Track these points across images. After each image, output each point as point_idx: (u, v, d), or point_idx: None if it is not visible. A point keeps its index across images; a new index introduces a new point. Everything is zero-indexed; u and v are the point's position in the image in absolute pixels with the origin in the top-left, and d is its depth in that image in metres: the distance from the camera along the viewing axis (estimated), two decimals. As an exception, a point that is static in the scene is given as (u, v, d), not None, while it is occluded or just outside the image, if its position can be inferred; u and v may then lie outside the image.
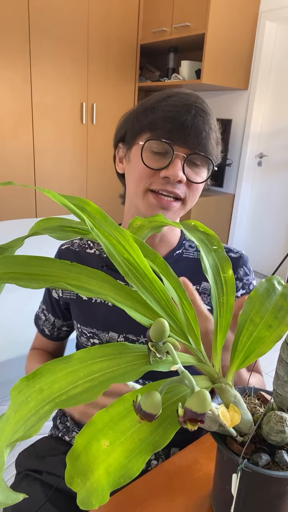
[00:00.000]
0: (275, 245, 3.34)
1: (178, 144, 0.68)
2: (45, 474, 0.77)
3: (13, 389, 0.31)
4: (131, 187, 0.75)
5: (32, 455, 0.83)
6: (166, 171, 0.68)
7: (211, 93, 3.48)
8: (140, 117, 0.72)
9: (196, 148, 0.68)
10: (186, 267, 0.80)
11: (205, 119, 0.69)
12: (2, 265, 0.36)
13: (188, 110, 0.67)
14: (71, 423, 0.86)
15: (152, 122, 0.69)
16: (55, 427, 0.90)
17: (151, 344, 0.36)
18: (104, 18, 3.09)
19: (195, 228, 0.52)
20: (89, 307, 0.78)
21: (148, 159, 0.70)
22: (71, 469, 0.32)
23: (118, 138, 0.79)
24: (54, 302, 0.85)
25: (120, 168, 0.79)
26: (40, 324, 0.90)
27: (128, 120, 0.76)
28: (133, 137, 0.73)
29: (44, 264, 0.38)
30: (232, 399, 0.43)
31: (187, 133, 0.67)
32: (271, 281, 0.49)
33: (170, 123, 0.67)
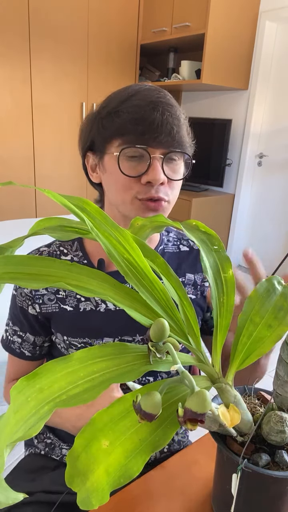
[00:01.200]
0: (275, 245, 3.34)
1: (153, 146, 0.66)
2: (38, 494, 0.74)
3: (13, 389, 0.31)
4: (115, 197, 0.72)
5: (20, 478, 0.80)
6: (147, 176, 0.66)
7: (211, 93, 3.48)
8: (105, 123, 0.69)
9: (172, 145, 0.67)
10: (169, 260, 0.80)
11: (173, 113, 0.67)
12: (2, 265, 0.36)
13: (155, 108, 0.65)
14: (54, 440, 0.83)
15: (120, 127, 0.66)
16: (32, 446, 0.86)
17: (151, 344, 0.36)
18: (104, 18, 3.09)
19: (196, 228, 0.52)
20: (78, 318, 0.74)
21: (125, 167, 0.67)
22: (71, 469, 0.32)
23: (85, 147, 0.75)
24: (32, 319, 0.77)
25: (95, 177, 0.77)
26: (16, 348, 0.80)
27: (92, 127, 0.72)
28: (102, 145, 0.70)
29: (44, 264, 0.38)
30: (232, 399, 0.42)
31: (159, 132, 0.65)
32: (271, 281, 0.49)
33: (140, 125, 0.65)
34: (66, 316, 0.74)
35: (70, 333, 0.75)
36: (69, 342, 0.75)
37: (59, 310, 0.74)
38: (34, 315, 0.76)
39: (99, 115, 0.71)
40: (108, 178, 0.72)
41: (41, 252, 0.78)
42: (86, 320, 0.74)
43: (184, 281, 0.80)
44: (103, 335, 0.74)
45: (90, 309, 0.74)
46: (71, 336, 0.75)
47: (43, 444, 0.84)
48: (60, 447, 0.82)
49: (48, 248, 0.78)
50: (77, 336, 0.74)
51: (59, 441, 0.83)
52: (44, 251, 0.78)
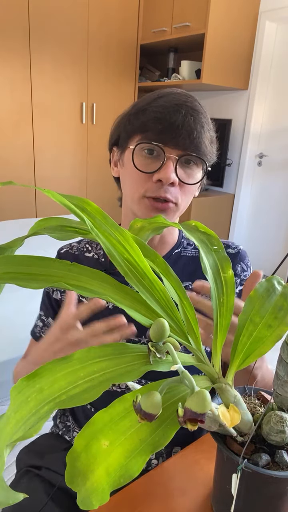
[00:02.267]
0: (275, 245, 3.34)
1: (169, 146, 0.67)
2: (44, 470, 0.78)
3: (13, 389, 0.31)
4: (127, 192, 0.74)
5: (32, 452, 0.84)
6: (158, 174, 0.67)
7: (211, 93, 3.48)
8: (132, 120, 0.70)
9: (188, 148, 0.67)
10: (185, 265, 0.80)
11: (197, 118, 0.67)
12: (2, 265, 0.36)
13: (178, 110, 0.66)
14: (71, 422, 0.86)
15: (142, 124, 0.68)
16: (55, 426, 0.90)
17: (151, 344, 0.36)
18: (104, 18, 3.09)
19: (195, 228, 0.52)
20: None
21: (140, 162, 0.68)
22: (71, 469, 0.32)
23: (112, 142, 0.77)
24: (55, 304, 0.81)
25: (115, 172, 0.78)
26: (37, 331, 0.84)
27: (121, 123, 0.74)
28: (125, 141, 0.72)
29: (44, 264, 0.38)
30: (232, 399, 0.43)
31: (178, 133, 0.65)
32: (271, 281, 0.49)
33: (160, 124, 0.65)
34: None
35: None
36: None
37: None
38: (57, 300, 0.80)
39: (129, 112, 0.73)
40: (124, 172, 0.74)
41: (72, 247, 0.82)
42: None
43: None
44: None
45: None
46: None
47: (63, 425, 0.87)
48: (73, 429, 0.85)
49: (78, 244, 0.83)
50: None
51: (75, 424, 0.85)
52: (74, 246, 0.83)
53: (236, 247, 0.82)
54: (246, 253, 0.83)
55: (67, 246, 0.83)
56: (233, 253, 0.81)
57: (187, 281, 0.79)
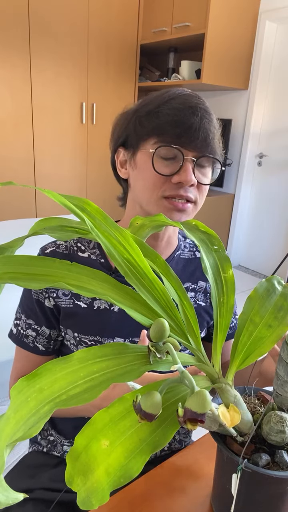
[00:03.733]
0: (275, 245, 3.34)
1: (187, 148, 0.68)
2: (37, 491, 0.75)
3: (13, 389, 0.31)
4: (141, 194, 0.73)
5: (20, 475, 0.81)
6: (179, 176, 0.68)
7: (211, 93, 3.48)
8: (143, 122, 0.70)
9: (205, 150, 0.69)
10: (185, 266, 0.81)
11: (210, 120, 0.69)
12: (2, 265, 0.36)
13: (194, 113, 0.67)
14: (56, 436, 0.84)
15: (158, 127, 0.68)
16: (37, 444, 0.87)
17: (151, 344, 0.36)
18: (104, 18, 3.09)
19: (195, 227, 0.52)
20: (92, 315, 0.74)
21: (158, 165, 0.69)
22: (71, 469, 0.32)
23: (118, 142, 0.76)
24: (48, 312, 0.77)
25: (123, 173, 0.77)
26: (30, 342, 0.79)
27: (128, 124, 0.74)
28: (138, 143, 0.72)
29: (44, 264, 0.38)
30: (232, 399, 0.42)
31: (195, 136, 0.67)
32: (271, 281, 0.49)
33: (178, 128, 0.67)
34: (79, 312, 0.74)
35: (82, 330, 0.75)
36: (80, 339, 0.76)
37: (73, 306, 0.75)
38: (50, 308, 0.76)
39: (138, 113, 0.72)
40: (138, 174, 0.73)
41: (58, 245, 0.77)
42: (99, 318, 0.75)
43: (196, 288, 0.81)
44: (115, 335, 0.75)
45: (104, 308, 0.74)
46: (82, 333, 0.75)
47: (45, 441, 0.85)
48: (61, 443, 0.83)
49: (65, 242, 0.78)
50: (88, 334, 0.75)
51: (60, 437, 0.83)
52: (61, 244, 0.78)
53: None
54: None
55: (52, 245, 0.78)
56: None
57: (188, 281, 0.80)
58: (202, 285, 0.82)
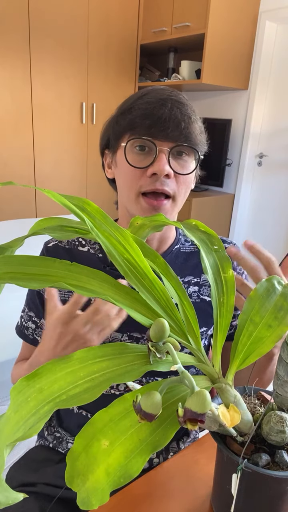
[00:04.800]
0: (275, 245, 3.34)
1: (160, 139, 0.68)
2: (40, 485, 0.76)
3: (13, 389, 0.31)
4: (123, 192, 0.74)
5: (25, 468, 0.81)
6: (152, 167, 0.68)
7: (211, 93, 3.48)
8: (119, 120, 0.72)
9: (179, 139, 0.68)
10: (186, 260, 0.80)
11: (182, 110, 0.68)
12: (2, 265, 0.36)
13: (164, 104, 0.67)
14: (62, 433, 0.84)
15: (130, 122, 0.69)
16: (43, 438, 0.87)
17: (151, 344, 0.36)
18: (104, 18, 3.09)
19: (195, 227, 0.52)
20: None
21: (133, 159, 0.69)
22: (71, 469, 0.32)
23: (103, 145, 0.79)
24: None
25: (109, 173, 0.79)
26: (29, 334, 0.82)
27: (109, 126, 0.76)
28: (116, 141, 0.73)
29: (44, 264, 0.38)
30: (232, 399, 0.42)
31: (166, 126, 0.67)
32: (271, 281, 0.49)
33: (148, 119, 0.67)
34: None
35: None
36: None
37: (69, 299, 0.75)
38: None
39: (116, 114, 0.74)
40: (118, 172, 0.75)
41: (61, 240, 0.79)
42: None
43: (200, 281, 0.80)
44: None
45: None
46: None
47: (52, 437, 0.86)
48: (67, 440, 0.83)
49: None
50: None
51: (67, 434, 0.84)
52: None
53: (230, 242, 0.84)
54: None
55: (54, 239, 0.80)
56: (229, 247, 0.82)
57: (189, 275, 0.79)
58: (206, 278, 0.80)
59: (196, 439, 0.87)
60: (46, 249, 0.81)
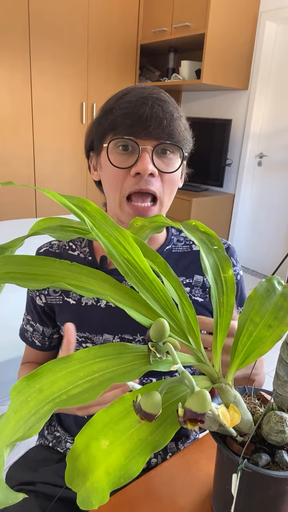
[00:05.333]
0: (275, 245, 3.34)
1: (142, 138, 0.67)
2: (39, 484, 0.76)
3: (13, 389, 0.31)
4: (109, 194, 0.73)
5: (24, 467, 0.81)
6: (135, 167, 0.66)
7: (211, 93, 3.48)
8: (101, 121, 0.71)
9: (161, 137, 0.67)
10: (177, 261, 0.79)
11: (164, 107, 0.67)
12: (2, 265, 0.36)
13: (145, 102, 0.66)
14: (62, 433, 0.84)
15: (112, 122, 0.68)
16: (44, 438, 0.88)
17: (151, 344, 0.36)
18: (104, 18, 3.09)
19: (195, 228, 0.52)
20: (79, 311, 0.75)
21: (116, 159, 0.68)
22: (71, 469, 0.32)
23: (87, 147, 0.78)
24: (40, 310, 0.80)
25: (95, 176, 0.79)
26: (28, 336, 0.84)
27: (92, 128, 0.75)
28: (99, 142, 0.72)
29: (44, 264, 0.38)
30: (232, 399, 0.42)
31: (148, 124, 0.66)
32: (271, 281, 0.49)
33: (129, 119, 0.66)
34: (69, 309, 0.76)
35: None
36: None
37: (62, 302, 0.76)
38: (41, 306, 0.79)
39: (98, 115, 0.73)
40: (103, 174, 0.74)
41: (52, 245, 0.80)
42: (87, 314, 0.75)
43: (192, 282, 0.78)
44: (103, 331, 0.75)
45: (91, 304, 0.75)
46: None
47: (52, 436, 0.86)
48: (65, 440, 0.83)
49: (59, 242, 0.80)
50: (78, 330, 0.75)
51: (65, 434, 0.84)
52: (54, 244, 0.80)
53: (225, 243, 0.82)
54: (234, 249, 0.84)
55: (46, 244, 0.81)
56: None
57: (181, 276, 0.78)
58: (199, 279, 0.79)
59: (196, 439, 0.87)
60: (38, 254, 0.81)
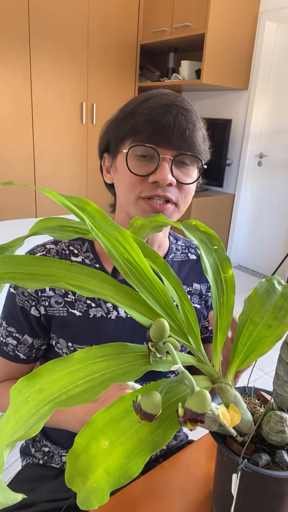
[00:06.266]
0: (275, 245, 3.34)
1: (163, 147, 0.65)
2: (41, 504, 0.73)
3: (13, 389, 0.31)
4: (121, 197, 0.72)
5: (20, 490, 0.78)
6: (154, 175, 0.65)
7: (211, 93, 3.48)
8: (120, 124, 0.69)
9: (182, 148, 0.66)
10: (179, 269, 0.79)
11: (188, 117, 0.66)
12: (2, 265, 0.36)
13: (169, 110, 0.65)
14: (52, 448, 0.81)
15: (133, 127, 0.66)
16: (31, 456, 0.84)
17: (151, 344, 0.36)
18: (104, 18, 3.09)
19: (195, 227, 0.52)
20: (87, 324, 0.71)
21: (134, 166, 0.67)
22: (71, 469, 0.32)
23: (102, 148, 0.76)
24: (34, 320, 0.73)
25: (108, 178, 0.77)
26: (10, 351, 0.75)
27: (109, 129, 0.73)
28: (117, 146, 0.70)
29: (44, 264, 0.38)
30: (232, 399, 0.42)
31: (170, 134, 0.64)
32: (271, 281, 0.49)
33: (152, 126, 0.64)
34: (73, 321, 0.71)
35: (77, 340, 0.72)
36: (74, 349, 0.72)
37: (67, 314, 0.71)
38: (36, 317, 0.72)
39: (117, 117, 0.72)
40: (118, 177, 0.72)
41: (48, 249, 0.73)
42: (96, 327, 0.71)
43: (191, 290, 0.79)
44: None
45: (100, 316, 0.71)
46: (77, 343, 0.72)
47: (41, 453, 0.82)
48: (59, 454, 0.80)
49: (55, 246, 0.74)
50: (83, 343, 0.72)
51: (57, 448, 0.81)
52: (52, 249, 0.74)
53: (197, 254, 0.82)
54: None
55: (41, 249, 0.74)
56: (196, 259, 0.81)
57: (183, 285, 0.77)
58: (197, 287, 0.80)
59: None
60: None
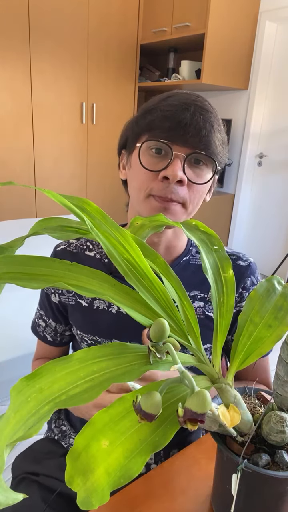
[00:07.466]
0: (275, 245, 3.34)
1: (177, 144, 0.65)
2: (42, 476, 0.76)
3: (13, 389, 0.31)
4: (133, 193, 0.72)
5: (29, 458, 0.82)
6: (165, 171, 0.64)
7: (211, 93, 3.48)
8: (139, 120, 0.69)
9: (197, 147, 0.65)
10: (193, 273, 0.77)
11: (206, 117, 0.65)
12: (2, 265, 0.36)
13: (187, 108, 0.64)
14: (67, 427, 0.85)
15: (149, 122, 0.66)
16: (51, 430, 0.89)
17: (151, 344, 0.36)
18: (104, 18, 3.09)
19: (195, 227, 0.52)
20: (91, 314, 0.75)
21: (147, 161, 0.67)
22: (71, 469, 0.32)
23: (120, 145, 0.76)
24: (54, 307, 0.80)
25: (123, 174, 0.77)
26: (40, 331, 0.85)
27: (129, 126, 0.73)
28: (133, 141, 0.71)
29: (44, 264, 0.37)
30: (232, 399, 0.42)
31: (186, 131, 0.64)
32: (271, 281, 0.49)
33: (168, 122, 0.64)
34: (80, 310, 0.76)
35: (82, 328, 0.77)
36: (81, 337, 0.78)
37: (75, 303, 0.77)
38: (55, 303, 0.80)
39: (137, 114, 0.72)
40: (131, 173, 0.72)
41: (70, 244, 0.80)
42: (97, 318, 0.75)
43: (206, 297, 0.76)
44: (112, 337, 0.75)
45: (102, 308, 0.74)
46: (82, 331, 0.77)
47: (58, 430, 0.87)
48: (69, 435, 0.84)
49: (77, 241, 0.80)
50: (87, 332, 0.76)
51: (71, 429, 0.84)
52: (72, 243, 0.80)
53: (246, 260, 0.79)
54: (256, 266, 0.80)
55: (64, 243, 0.81)
56: (244, 265, 0.78)
57: (195, 290, 0.76)
58: None
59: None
60: (55, 252, 0.81)
